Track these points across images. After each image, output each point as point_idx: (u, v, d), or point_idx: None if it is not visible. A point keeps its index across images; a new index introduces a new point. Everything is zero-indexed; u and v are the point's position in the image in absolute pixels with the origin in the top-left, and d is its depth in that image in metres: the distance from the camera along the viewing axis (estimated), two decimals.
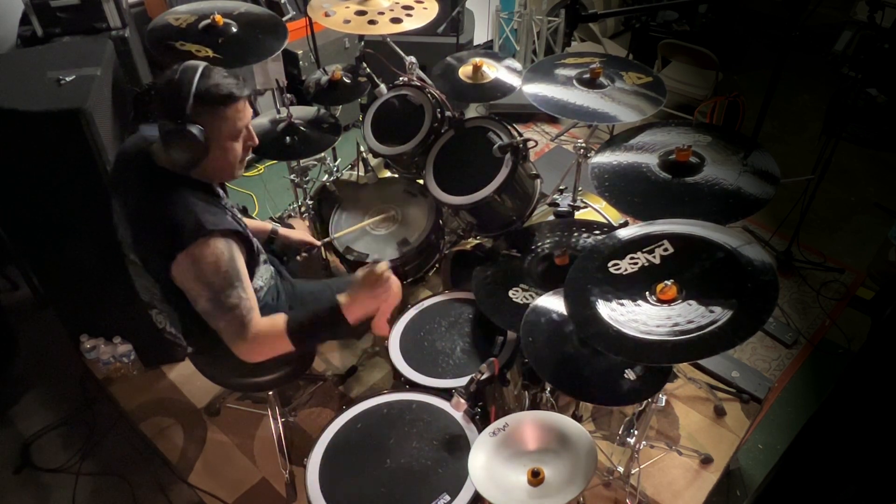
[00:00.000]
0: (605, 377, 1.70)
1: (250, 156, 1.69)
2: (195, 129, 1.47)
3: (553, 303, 1.86)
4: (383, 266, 1.62)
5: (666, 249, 1.54)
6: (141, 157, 1.60)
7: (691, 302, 1.42)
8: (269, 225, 2.07)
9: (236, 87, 1.52)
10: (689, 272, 1.47)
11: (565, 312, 1.73)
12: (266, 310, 1.71)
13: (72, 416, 2.50)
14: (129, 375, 2.60)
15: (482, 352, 1.99)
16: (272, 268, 1.90)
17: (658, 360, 1.48)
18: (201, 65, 1.51)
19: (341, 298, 1.60)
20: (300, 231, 2.18)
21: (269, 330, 1.56)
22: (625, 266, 1.56)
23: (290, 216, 2.99)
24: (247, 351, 1.56)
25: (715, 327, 1.35)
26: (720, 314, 1.37)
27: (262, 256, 1.81)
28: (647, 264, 1.53)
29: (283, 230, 2.10)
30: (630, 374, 1.67)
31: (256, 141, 1.65)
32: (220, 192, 1.72)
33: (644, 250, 1.56)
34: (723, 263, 1.47)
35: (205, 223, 1.49)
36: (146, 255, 1.60)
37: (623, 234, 1.64)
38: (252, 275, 1.67)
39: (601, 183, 1.90)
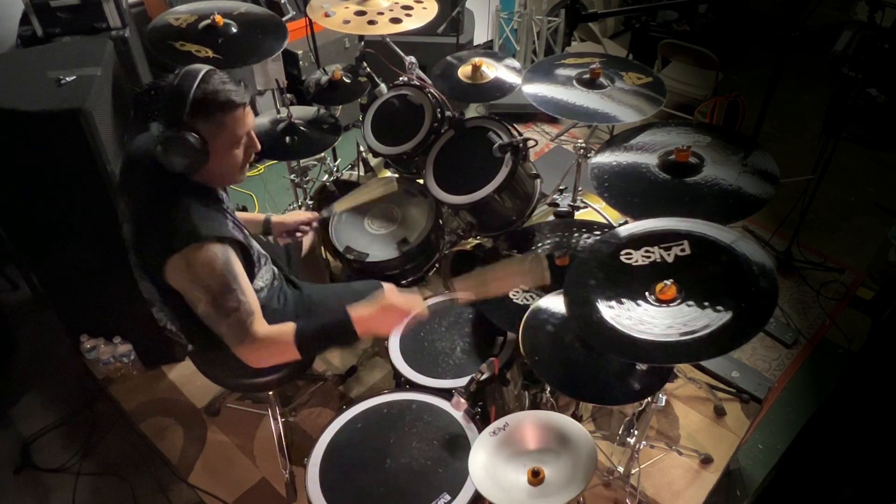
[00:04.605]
0: (611, 376, 1.70)
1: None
2: (191, 138, 1.46)
3: (551, 309, 1.86)
4: (421, 305, 1.64)
5: (683, 250, 1.53)
6: (148, 158, 1.59)
7: (690, 303, 1.42)
8: (261, 216, 2.06)
9: (235, 94, 1.50)
10: (691, 274, 1.47)
11: (564, 315, 1.73)
12: (272, 314, 1.71)
13: (72, 416, 2.50)
14: (129, 375, 2.60)
15: (482, 352, 1.99)
16: (274, 268, 1.89)
17: (654, 360, 1.48)
18: (202, 70, 1.49)
19: (353, 311, 1.57)
20: (294, 213, 2.15)
21: (275, 336, 1.55)
22: (637, 257, 1.54)
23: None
24: (250, 355, 1.55)
25: (712, 330, 1.35)
26: (718, 317, 1.36)
27: (263, 259, 1.81)
28: (659, 261, 1.52)
29: (276, 216, 2.07)
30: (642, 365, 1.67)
31: (259, 147, 1.63)
32: (223, 195, 1.71)
33: (661, 246, 1.55)
34: (724, 267, 1.47)
35: (199, 228, 1.48)
36: (145, 254, 1.60)
37: (647, 224, 1.62)
38: (252, 278, 1.67)
39: (601, 183, 1.90)
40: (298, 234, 2.09)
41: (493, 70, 2.52)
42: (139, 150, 1.65)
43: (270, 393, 2.15)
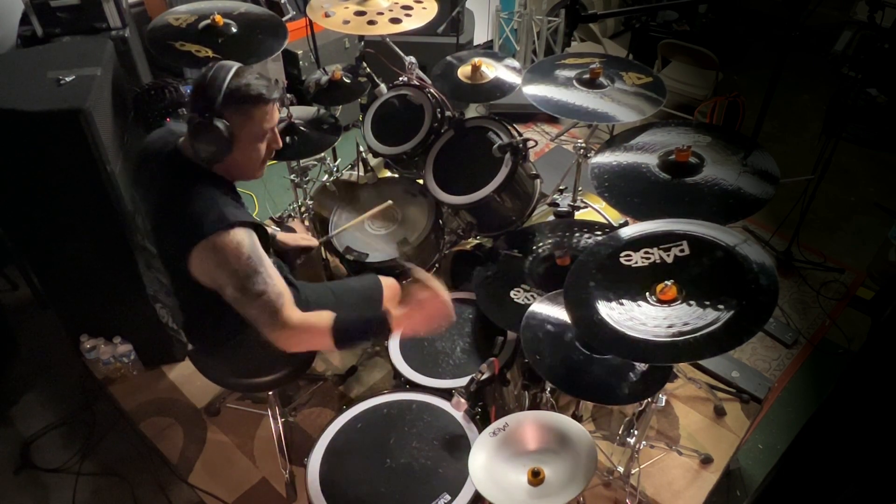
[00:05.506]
0: (612, 375, 1.70)
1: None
2: (221, 124, 1.51)
3: (550, 310, 1.86)
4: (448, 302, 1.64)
5: (682, 250, 1.53)
6: (168, 149, 1.64)
7: (691, 302, 1.42)
8: (268, 230, 2.08)
9: (266, 90, 1.56)
10: (691, 273, 1.47)
11: (562, 317, 1.73)
12: None
13: (72, 416, 2.50)
14: (129, 375, 2.60)
15: (482, 352, 1.99)
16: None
17: (656, 360, 1.48)
18: (235, 64, 1.55)
19: (394, 310, 1.61)
20: (297, 235, 2.18)
21: (311, 324, 1.57)
22: (636, 259, 1.55)
23: (290, 216, 2.99)
24: (283, 338, 1.55)
25: (714, 328, 1.35)
26: (719, 315, 1.36)
27: (272, 259, 1.82)
28: (658, 262, 1.53)
29: (280, 235, 2.10)
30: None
31: (280, 143, 1.68)
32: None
33: (661, 247, 1.55)
34: (724, 265, 1.47)
35: (227, 215, 1.52)
36: (166, 244, 1.62)
37: (645, 227, 1.63)
38: None
39: (601, 183, 1.90)
40: (298, 262, 2.13)
41: (493, 70, 2.51)
42: (155, 143, 1.69)
43: (270, 393, 2.15)
